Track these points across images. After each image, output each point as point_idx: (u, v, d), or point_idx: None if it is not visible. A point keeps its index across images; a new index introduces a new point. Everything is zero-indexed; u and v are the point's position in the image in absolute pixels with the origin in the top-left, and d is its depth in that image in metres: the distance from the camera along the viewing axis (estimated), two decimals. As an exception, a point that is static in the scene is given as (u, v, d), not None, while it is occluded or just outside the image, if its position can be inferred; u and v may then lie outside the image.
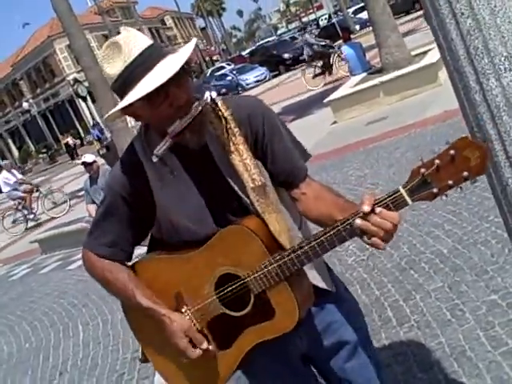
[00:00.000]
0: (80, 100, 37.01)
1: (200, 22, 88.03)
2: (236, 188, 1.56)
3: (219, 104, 1.53)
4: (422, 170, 1.31)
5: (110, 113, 1.52)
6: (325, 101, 10.68)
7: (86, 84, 26.65)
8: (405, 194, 1.34)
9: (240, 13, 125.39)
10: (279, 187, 1.66)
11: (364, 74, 11.31)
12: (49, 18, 48.07)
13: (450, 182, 1.30)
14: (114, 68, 1.46)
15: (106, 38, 44.00)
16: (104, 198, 1.67)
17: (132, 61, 1.44)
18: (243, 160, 1.53)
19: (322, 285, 1.68)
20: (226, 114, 1.53)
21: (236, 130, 1.53)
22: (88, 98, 31.48)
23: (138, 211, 1.62)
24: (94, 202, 7.88)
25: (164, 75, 1.39)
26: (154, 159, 1.47)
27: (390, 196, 1.36)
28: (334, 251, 1.50)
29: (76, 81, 32.04)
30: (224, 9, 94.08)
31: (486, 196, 4.49)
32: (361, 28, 26.57)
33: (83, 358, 4.94)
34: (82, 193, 10.01)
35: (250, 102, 1.65)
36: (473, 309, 3.18)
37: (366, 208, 1.36)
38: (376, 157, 7.22)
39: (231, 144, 1.53)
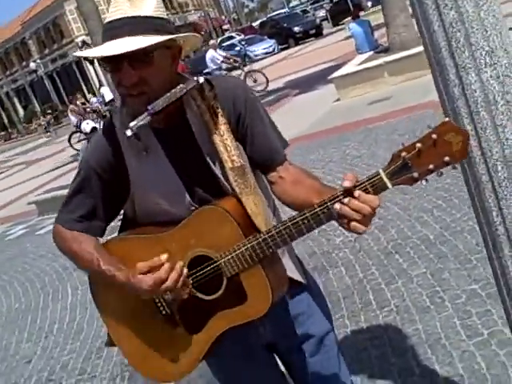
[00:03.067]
0: (87, 63, 36.71)
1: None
2: (213, 167, 1.56)
3: (204, 85, 1.52)
4: (403, 154, 1.28)
5: (78, 54, 1.61)
6: (329, 77, 10.59)
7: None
8: (384, 178, 1.32)
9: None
10: (256, 173, 1.65)
11: (371, 53, 11.19)
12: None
13: (431, 167, 1.27)
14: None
15: (116, 0, 43.39)
16: (78, 171, 1.65)
17: (108, 21, 1.47)
18: (224, 140, 1.52)
19: (295, 276, 1.67)
20: (209, 94, 1.52)
21: (219, 110, 1.53)
22: (95, 61, 31.15)
23: (112, 187, 1.60)
24: None
25: (113, 50, 1.40)
26: (129, 133, 1.44)
27: (369, 179, 1.34)
28: (323, 230, 1.50)
29: (84, 43, 31.74)
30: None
31: (478, 184, 4.48)
32: (372, 5, 26.13)
33: (69, 322, 4.98)
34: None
35: (235, 83, 1.65)
36: (452, 297, 3.19)
37: (347, 183, 1.34)
38: (374, 137, 7.18)
39: (213, 123, 1.52)
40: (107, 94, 22.56)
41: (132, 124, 1.44)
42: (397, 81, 9.48)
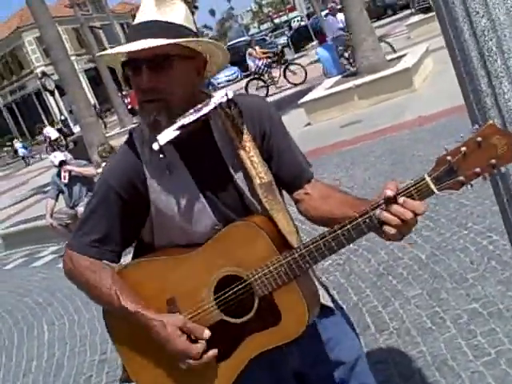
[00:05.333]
0: (47, 94, 36.22)
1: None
2: (240, 184, 1.51)
3: (229, 102, 1.49)
4: (449, 158, 1.25)
5: (105, 53, 1.52)
6: (299, 102, 10.62)
7: (54, 77, 26.11)
8: (430, 183, 1.28)
9: (212, 12, 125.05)
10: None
11: (338, 77, 11.29)
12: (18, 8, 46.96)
13: (478, 170, 1.25)
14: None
15: (77, 31, 43.32)
16: (96, 192, 1.55)
17: (134, 24, 1.49)
18: (250, 157, 1.49)
19: (323, 300, 1.61)
20: (234, 111, 1.49)
21: (243, 127, 1.50)
22: (56, 92, 30.89)
23: (132, 208, 1.52)
24: (57, 199, 7.84)
25: (131, 47, 1.39)
26: (155, 147, 1.39)
27: (414, 184, 1.30)
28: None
29: (44, 74, 31.35)
30: (196, 7, 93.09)
31: (463, 203, 4.48)
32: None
33: (48, 358, 4.76)
34: (48, 188, 9.75)
35: (260, 102, 1.65)
36: (453, 317, 3.13)
37: (389, 192, 1.29)
38: (351, 160, 7.18)
39: (238, 140, 1.49)
40: (52, 132, 23.17)
41: (160, 137, 1.38)
42: (366, 104, 9.56)
